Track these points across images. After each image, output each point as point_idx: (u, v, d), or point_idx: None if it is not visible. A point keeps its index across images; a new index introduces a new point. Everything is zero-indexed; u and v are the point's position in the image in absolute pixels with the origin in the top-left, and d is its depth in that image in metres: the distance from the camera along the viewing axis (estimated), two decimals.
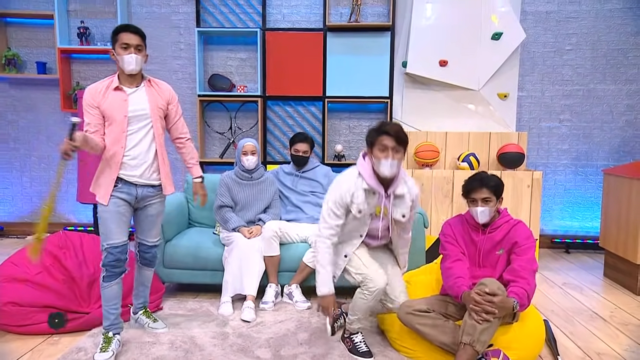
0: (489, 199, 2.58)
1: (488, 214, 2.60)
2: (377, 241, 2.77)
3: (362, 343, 2.68)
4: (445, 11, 4.75)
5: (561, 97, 5.09)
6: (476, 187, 2.58)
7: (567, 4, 4.98)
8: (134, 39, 2.61)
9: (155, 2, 5.13)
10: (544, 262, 4.65)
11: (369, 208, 2.59)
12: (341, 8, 5.06)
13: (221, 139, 5.23)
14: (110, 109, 2.57)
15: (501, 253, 2.63)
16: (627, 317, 3.36)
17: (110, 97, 2.58)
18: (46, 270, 3.02)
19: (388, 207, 2.62)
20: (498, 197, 2.62)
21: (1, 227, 5.42)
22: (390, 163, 2.45)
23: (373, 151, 2.52)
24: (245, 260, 3.33)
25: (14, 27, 5.27)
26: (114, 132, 2.59)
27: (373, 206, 2.61)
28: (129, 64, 2.57)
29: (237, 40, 5.15)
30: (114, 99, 2.58)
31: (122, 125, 2.59)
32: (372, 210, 2.61)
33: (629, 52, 5.00)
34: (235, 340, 2.84)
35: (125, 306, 2.96)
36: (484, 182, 2.58)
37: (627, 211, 3.93)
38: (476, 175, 2.65)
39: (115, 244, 2.59)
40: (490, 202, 2.59)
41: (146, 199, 2.73)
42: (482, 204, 2.58)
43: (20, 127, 5.35)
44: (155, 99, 2.70)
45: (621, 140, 5.09)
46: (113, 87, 2.59)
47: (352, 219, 2.62)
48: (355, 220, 2.62)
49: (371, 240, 2.75)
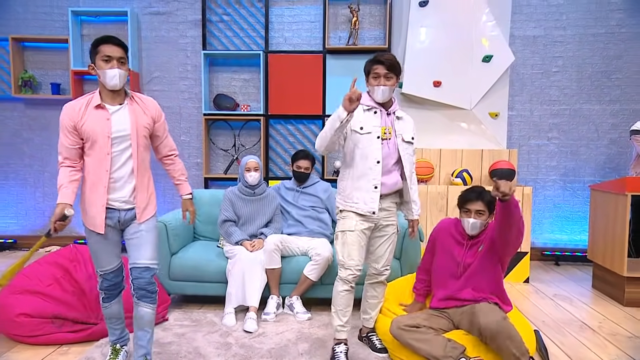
0: (482, 212, 2.57)
1: (478, 227, 2.59)
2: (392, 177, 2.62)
3: (342, 354, 2.62)
4: (439, 35, 4.79)
5: (549, 116, 5.11)
6: (472, 199, 2.57)
7: (553, 29, 5.03)
8: (117, 51, 2.26)
9: (164, 26, 5.18)
10: (535, 274, 4.63)
11: (373, 128, 2.55)
12: (340, 32, 5.10)
13: (225, 155, 5.24)
14: (92, 128, 2.23)
15: (482, 249, 2.62)
16: (615, 328, 3.34)
17: (91, 116, 2.24)
18: (57, 282, 3.01)
19: (392, 126, 2.62)
20: (491, 212, 2.60)
21: (14, 240, 5.40)
22: (382, 89, 2.51)
23: (368, 79, 2.57)
24: (248, 272, 3.32)
25: (30, 51, 5.32)
26: (96, 154, 2.27)
27: (378, 127, 2.57)
28: (111, 78, 2.23)
29: (241, 62, 5.18)
30: (96, 117, 2.25)
31: (106, 147, 2.25)
32: (378, 132, 2.56)
33: (612, 74, 5.04)
34: (238, 350, 2.83)
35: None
36: (480, 196, 2.57)
37: (613, 225, 3.92)
38: (474, 187, 2.65)
39: (109, 269, 2.39)
40: (483, 215, 2.57)
41: (129, 221, 2.38)
42: (475, 216, 2.57)
43: (35, 145, 5.37)
44: (139, 118, 2.34)
45: (606, 157, 5.10)
46: (94, 104, 2.26)
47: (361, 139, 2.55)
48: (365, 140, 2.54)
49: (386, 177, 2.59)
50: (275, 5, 5.11)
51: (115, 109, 2.29)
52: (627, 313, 3.65)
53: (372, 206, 2.54)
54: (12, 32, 5.20)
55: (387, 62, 2.50)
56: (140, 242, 2.37)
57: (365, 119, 2.56)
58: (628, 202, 3.73)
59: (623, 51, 5.01)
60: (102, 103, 2.27)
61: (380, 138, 2.55)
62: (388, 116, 2.61)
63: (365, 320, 2.88)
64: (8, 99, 5.28)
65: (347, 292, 2.62)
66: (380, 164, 2.54)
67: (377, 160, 2.54)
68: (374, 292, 2.82)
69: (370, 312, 2.85)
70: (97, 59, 2.25)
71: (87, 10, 5.10)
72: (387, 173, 2.59)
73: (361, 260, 2.61)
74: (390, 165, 2.60)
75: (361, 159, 2.56)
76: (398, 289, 3.14)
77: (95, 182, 2.28)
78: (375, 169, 2.54)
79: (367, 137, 2.55)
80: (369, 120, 2.57)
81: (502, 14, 4.83)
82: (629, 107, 5.05)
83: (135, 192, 2.35)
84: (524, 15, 5.03)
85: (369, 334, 2.86)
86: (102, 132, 2.24)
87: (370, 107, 2.59)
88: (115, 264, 2.42)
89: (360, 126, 2.55)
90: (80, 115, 2.23)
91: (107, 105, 2.28)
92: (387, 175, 2.59)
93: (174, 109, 5.25)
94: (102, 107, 2.27)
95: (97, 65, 2.26)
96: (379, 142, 2.55)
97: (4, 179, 5.42)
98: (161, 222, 3.51)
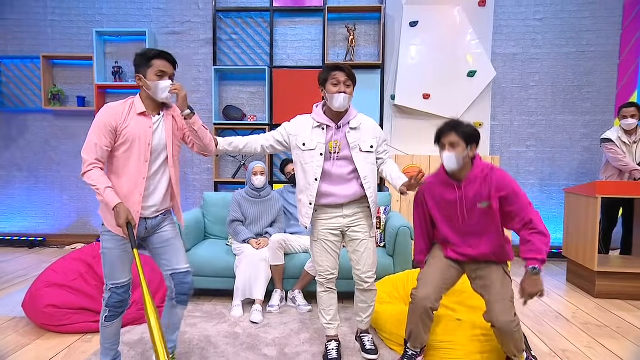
0: (457, 143, 2.18)
1: (455, 160, 2.19)
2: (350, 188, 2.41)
3: (334, 351, 2.55)
4: (428, 52, 4.80)
5: (527, 126, 5.11)
6: (445, 130, 2.22)
7: (531, 47, 5.03)
8: (170, 68, 2.14)
9: (179, 44, 5.19)
10: (515, 270, 4.61)
11: (317, 145, 2.37)
12: (338, 49, 5.10)
13: (233, 161, 5.23)
14: (133, 134, 2.06)
15: (484, 206, 2.23)
16: (587, 318, 3.33)
17: (134, 121, 2.08)
18: (81, 276, 3.02)
19: (345, 139, 2.39)
20: (468, 143, 2.21)
21: (44, 239, 5.39)
22: (343, 96, 2.31)
23: (326, 87, 2.35)
24: (254, 268, 3.32)
25: (59, 67, 5.33)
26: (133, 161, 2.09)
27: (323, 144, 2.37)
28: (162, 91, 2.09)
29: (248, 77, 5.18)
30: (138, 124, 2.09)
31: (145, 154, 2.09)
32: (322, 149, 2.36)
33: (583, 88, 5.04)
34: (245, 339, 2.82)
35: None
36: (453, 127, 2.21)
37: (585, 225, 3.91)
38: (449, 120, 2.28)
39: (121, 283, 2.15)
40: (458, 147, 2.18)
41: (158, 225, 2.24)
42: (449, 148, 2.19)
43: (62, 152, 5.37)
44: (174, 127, 2.22)
45: (579, 163, 5.10)
46: (138, 111, 2.10)
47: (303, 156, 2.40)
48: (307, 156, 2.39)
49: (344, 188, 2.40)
50: (279, 25, 5.11)
51: (156, 119, 2.15)
52: (598, 304, 3.64)
53: (306, 220, 2.45)
54: (42, 50, 5.23)
55: (347, 69, 2.34)
56: (175, 248, 2.25)
57: (311, 135, 2.40)
58: (598, 204, 3.73)
59: (592, 68, 5.01)
60: (146, 111, 2.12)
61: (323, 154, 2.37)
62: (339, 129, 2.40)
63: (358, 322, 2.68)
64: (39, 110, 5.29)
65: (326, 292, 2.56)
66: (317, 182, 2.37)
67: (316, 177, 2.37)
68: (362, 298, 2.58)
69: (362, 315, 2.63)
70: (149, 72, 2.09)
71: (109, 31, 5.11)
72: (344, 183, 2.40)
73: (330, 264, 2.50)
74: (344, 176, 2.40)
75: (303, 174, 2.43)
76: (390, 284, 3.13)
77: (131, 188, 2.08)
78: (313, 185, 2.38)
79: (309, 153, 2.39)
80: (315, 137, 2.39)
81: (484, 33, 4.84)
82: (599, 118, 5.04)
83: (169, 198, 2.25)
84: (504, 35, 5.03)
85: (361, 334, 2.69)
86: (143, 139, 2.08)
87: (319, 124, 2.40)
88: (129, 277, 2.19)
89: (303, 142, 2.40)
90: (124, 119, 2.06)
91: (150, 114, 2.14)
92: (344, 185, 2.41)
93: None
94: (145, 115, 2.12)
95: (148, 77, 2.09)
96: (321, 159, 2.37)
97: (34, 183, 5.42)
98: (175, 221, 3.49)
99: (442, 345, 2.52)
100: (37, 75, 5.27)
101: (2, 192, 5.45)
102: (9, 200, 5.45)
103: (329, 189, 2.41)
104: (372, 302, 2.60)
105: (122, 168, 2.09)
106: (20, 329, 2.93)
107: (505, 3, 5.00)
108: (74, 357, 2.57)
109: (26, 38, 5.28)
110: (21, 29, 5.29)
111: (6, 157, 5.41)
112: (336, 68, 2.36)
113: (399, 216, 3.79)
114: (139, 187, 2.09)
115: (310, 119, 2.46)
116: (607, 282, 3.78)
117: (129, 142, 2.06)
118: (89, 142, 2.03)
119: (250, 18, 5.11)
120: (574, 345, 2.85)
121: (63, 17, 5.26)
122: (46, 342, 2.76)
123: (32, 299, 2.90)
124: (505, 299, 2.22)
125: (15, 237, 5.39)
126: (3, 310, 3.26)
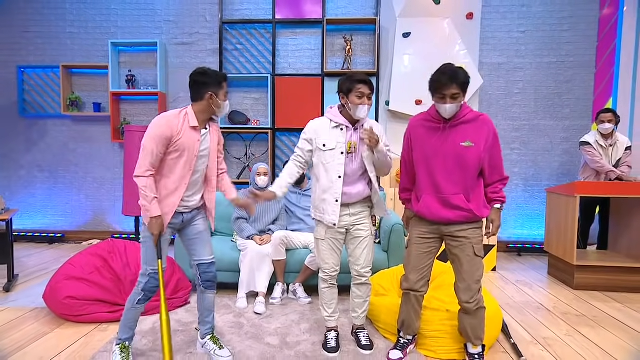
0: (458, 94, 2.11)
1: (455, 109, 2.16)
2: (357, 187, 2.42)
3: (333, 340, 2.55)
4: (420, 61, 4.80)
5: (512, 130, 5.12)
6: (446, 83, 2.11)
7: (514, 57, 5.04)
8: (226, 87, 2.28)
9: (187, 55, 5.20)
10: (501, 264, 4.64)
11: (337, 144, 2.36)
12: (336, 58, 5.11)
13: (238, 163, 5.24)
14: (185, 145, 2.17)
15: (468, 145, 2.17)
16: (566, 308, 3.35)
17: (186, 134, 2.18)
18: (97, 271, 3.02)
19: (357, 140, 2.39)
20: (464, 92, 2.15)
21: (63, 235, 5.40)
22: (367, 108, 2.32)
23: (350, 97, 2.32)
24: (257, 263, 3.32)
25: (77, 76, 5.34)
26: (181, 167, 2.20)
27: (343, 143, 2.37)
28: (225, 108, 2.27)
29: (252, 84, 5.19)
30: (190, 136, 2.19)
31: (191, 163, 2.21)
32: (342, 149, 2.36)
33: (563, 96, 5.05)
34: (249, 329, 2.83)
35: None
36: (453, 78, 2.10)
37: (565, 222, 3.93)
38: (444, 69, 2.15)
39: (163, 268, 2.25)
40: (459, 97, 2.13)
41: (192, 219, 2.37)
42: (451, 100, 2.12)
43: (79, 154, 5.38)
44: (214, 141, 2.34)
45: (559, 165, 5.11)
46: (191, 124, 2.19)
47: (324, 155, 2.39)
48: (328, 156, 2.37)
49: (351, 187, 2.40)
50: (281, 36, 5.12)
51: (203, 133, 2.26)
52: (577, 295, 3.66)
53: (334, 218, 2.39)
54: (62, 60, 5.25)
55: (370, 82, 2.35)
56: (203, 240, 2.38)
57: (331, 136, 2.38)
58: (577, 203, 3.74)
59: (571, 76, 5.02)
60: (198, 126, 2.21)
61: (344, 153, 2.36)
62: (355, 131, 2.40)
63: (354, 318, 2.64)
64: (58, 116, 5.31)
65: (328, 288, 2.56)
66: (341, 179, 2.36)
67: (339, 175, 2.36)
68: (359, 293, 2.56)
69: (357, 311, 2.60)
70: (221, 93, 2.23)
71: (123, 42, 5.12)
72: (352, 184, 2.40)
73: (335, 261, 2.50)
74: (357, 176, 2.41)
75: (325, 173, 2.39)
76: (384, 278, 3.14)
77: (174, 188, 2.21)
78: (337, 183, 2.36)
79: (330, 153, 2.37)
80: (334, 137, 2.37)
81: (472, 44, 4.84)
82: (577, 123, 5.06)
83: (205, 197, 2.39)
84: (490, 45, 5.04)
85: (357, 330, 2.65)
86: (192, 149, 2.20)
87: (338, 125, 2.38)
88: (165, 265, 2.28)
89: (323, 143, 2.38)
90: (178, 131, 2.16)
91: (200, 128, 2.24)
92: (352, 186, 2.40)
93: None
94: (196, 129, 2.22)
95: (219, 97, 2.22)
96: (342, 157, 2.36)
97: (54, 183, 5.43)
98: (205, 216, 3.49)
99: (432, 334, 2.54)
100: (56, 83, 5.28)
101: (24, 192, 5.47)
102: (31, 199, 5.46)
103: (344, 188, 2.40)
104: (367, 296, 2.60)
105: (170, 171, 2.20)
106: (41, 319, 2.94)
107: (491, 16, 5.01)
108: (91, 345, 2.58)
109: (47, 49, 5.30)
110: (42, 41, 5.30)
111: (28, 159, 5.43)
112: (362, 81, 2.32)
113: (393, 214, 3.80)
114: (181, 189, 2.22)
115: (327, 120, 2.43)
116: (585, 275, 3.80)
117: (179, 151, 2.17)
118: (146, 148, 2.13)
119: (254, 29, 5.12)
120: (554, 333, 2.87)
121: (81, 30, 5.27)
122: (65, 330, 2.77)
123: (52, 291, 2.92)
124: (468, 280, 2.24)
125: (37, 234, 5.40)
126: (25, 301, 3.28)
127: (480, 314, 2.28)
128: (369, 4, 5.07)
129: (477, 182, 2.24)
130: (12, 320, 2.92)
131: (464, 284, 2.26)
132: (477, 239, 2.26)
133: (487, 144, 2.19)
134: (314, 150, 2.43)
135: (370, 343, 2.59)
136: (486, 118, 2.23)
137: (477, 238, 2.26)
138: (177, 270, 3.40)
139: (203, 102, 2.22)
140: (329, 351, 2.50)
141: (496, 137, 2.23)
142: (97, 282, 2.94)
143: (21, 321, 2.91)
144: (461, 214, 2.22)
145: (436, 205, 2.27)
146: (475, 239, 2.25)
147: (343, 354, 2.51)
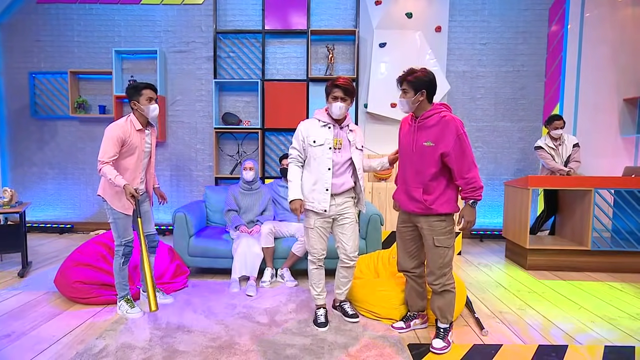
0: (406, 90, 2.19)
1: (406, 104, 2.20)
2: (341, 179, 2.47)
3: (322, 316, 2.57)
4: (394, 69, 4.83)
5: (475, 131, 5.18)
6: (398, 80, 2.24)
7: (477, 66, 5.10)
8: (155, 95, 2.60)
9: (184, 61, 5.13)
10: (465, 248, 4.72)
11: (325, 140, 2.42)
12: (319, 65, 5.10)
13: (231, 160, 5.22)
14: (135, 144, 2.56)
15: (429, 145, 2.17)
16: (519, 286, 3.43)
17: (135, 135, 2.56)
18: (103, 258, 3.00)
19: (345, 137, 2.48)
20: (417, 90, 2.17)
21: (72, 226, 5.32)
22: (339, 106, 2.39)
23: (328, 99, 2.43)
24: (249, 250, 3.33)
25: (84, 81, 5.22)
26: (134, 161, 2.58)
27: (330, 140, 2.43)
28: (152, 111, 2.58)
29: (243, 88, 5.15)
30: (137, 136, 2.58)
31: (140, 157, 2.61)
32: (330, 144, 2.42)
33: (519, 100, 5.13)
34: (241, 309, 2.83)
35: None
36: (402, 77, 2.21)
37: (519, 211, 4.01)
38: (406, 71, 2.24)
39: (131, 239, 2.65)
40: (407, 94, 2.18)
41: (142, 201, 2.74)
42: (402, 95, 2.22)
43: (86, 153, 5.28)
44: (154, 140, 2.74)
45: (516, 161, 5.20)
46: (136, 128, 2.56)
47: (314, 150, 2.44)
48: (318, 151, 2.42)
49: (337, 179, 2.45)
50: (269, 45, 5.09)
51: (146, 133, 2.64)
52: (529, 274, 3.75)
53: (324, 205, 2.44)
54: (70, 67, 5.12)
55: (344, 87, 2.39)
56: (149, 218, 2.79)
57: (320, 133, 2.45)
58: (530, 194, 3.82)
59: (525, 84, 5.10)
60: (142, 128, 2.59)
61: (332, 148, 2.43)
62: (341, 129, 2.48)
63: (338, 294, 2.71)
64: (67, 117, 5.19)
65: (316, 269, 2.59)
66: (330, 171, 2.43)
67: (328, 167, 2.42)
68: (344, 274, 2.63)
69: (342, 288, 2.68)
70: (141, 98, 2.55)
71: (126, 50, 5.02)
72: (338, 176, 2.46)
73: (322, 247, 2.55)
74: (343, 169, 2.48)
75: (316, 166, 2.45)
76: (362, 262, 3.17)
77: (130, 179, 2.59)
78: (327, 174, 2.43)
79: (319, 148, 2.43)
80: (323, 134, 2.44)
81: (440, 54, 4.89)
82: (531, 125, 5.14)
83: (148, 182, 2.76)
84: (456, 55, 5.09)
85: (342, 303, 2.73)
86: (140, 147, 2.60)
87: (325, 123, 2.46)
88: (132, 235, 2.67)
89: (314, 140, 2.44)
90: (129, 134, 2.53)
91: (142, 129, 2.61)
92: (341, 177, 2.47)
93: (191, 124, 5.21)
94: (141, 131, 2.60)
95: (140, 102, 2.56)
96: (330, 152, 2.43)
97: (63, 179, 5.34)
98: (182, 211, 3.49)
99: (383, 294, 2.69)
100: (65, 88, 5.15)
101: (36, 187, 5.36)
102: (43, 193, 5.36)
103: (332, 179, 2.45)
104: (352, 276, 2.67)
105: (126, 166, 2.58)
106: (53, 301, 2.92)
107: (457, 30, 5.05)
108: (98, 324, 2.57)
109: (56, 56, 5.17)
110: (52, 49, 5.17)
111: (40, 157, 5.31)
112: (336, 85, 2.40)
113: (370, 205, 3.82)
114: (137, 178, 2.62)
115: (315, 120, 2.50)
116: (536, 257, 3.90)
117: (132, 150, 2.57)
118: (104, 149, 2.50)
119: (245, 39, 5.07)
120: (509, 307, 2.95)
121: (87, 39, 5.15)
122: (75, 312, 2.76)
123: (62, 276, 2.89)
124: (431, 266, 2.30)
125: (48, 225, 5.30)
126: (38, 285, 3.25)
127: (447, 297, 2.29)
128: (349, 16, 5.06)
129: (439, 179, 2.23)
130: (26, 303, 2.89)
131: (428, 268, 2.34)
132: (439, 231, 2.24)
133: (447, 146, 2.13)
134: (306, 147, 2.48)
135: (356, 312, 2.65)
136: (448, 120, 2.13)
137: (440, 230, 2.24)
138: (176, 256, 3.39)
139: (134, 109, 2.59)
140: (319, 326, 2.53)
141: (459, 140, 2.11)
142: (102, 268, 2.92)
143: (35, 303, 2.88)
144: (419, 206, 2.25)
145: (403, 197, 2.34)
146: (437, 231, 2.24)
147: (330, 327, 2.54)
